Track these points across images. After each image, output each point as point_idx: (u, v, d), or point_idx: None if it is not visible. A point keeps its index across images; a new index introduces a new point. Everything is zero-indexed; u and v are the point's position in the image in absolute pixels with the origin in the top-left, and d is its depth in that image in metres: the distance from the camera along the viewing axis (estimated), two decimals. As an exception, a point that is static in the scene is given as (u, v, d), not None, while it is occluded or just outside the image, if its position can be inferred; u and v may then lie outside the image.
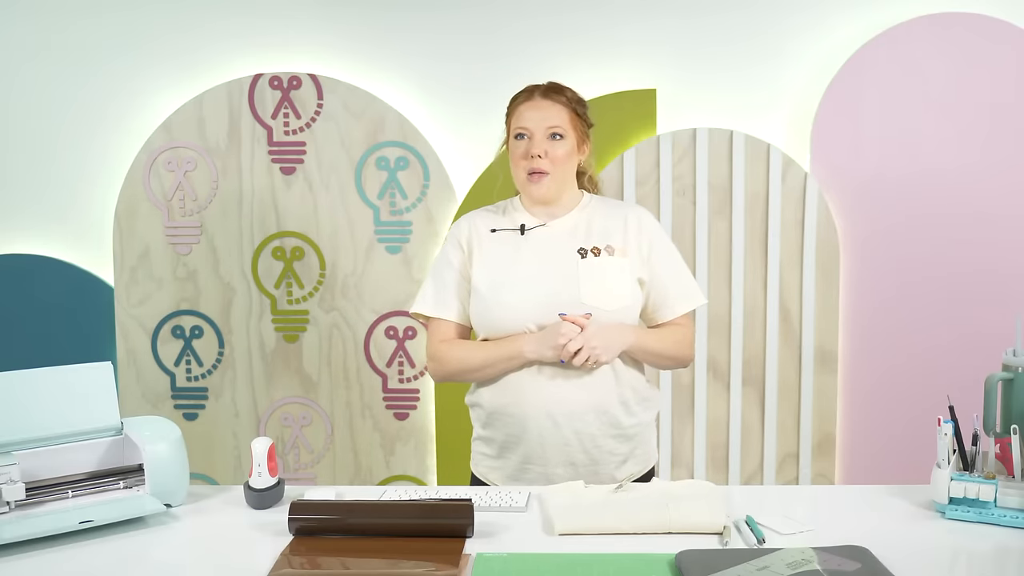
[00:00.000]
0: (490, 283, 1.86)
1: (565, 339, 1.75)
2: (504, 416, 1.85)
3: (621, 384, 1.85)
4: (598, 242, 1.87)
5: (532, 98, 1.89)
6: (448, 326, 1.92)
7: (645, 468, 1.94)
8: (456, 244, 1.92)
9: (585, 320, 1.77)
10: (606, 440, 1.84)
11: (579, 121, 1.91)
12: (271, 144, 2.95)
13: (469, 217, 1.96)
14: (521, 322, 1.82)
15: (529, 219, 1.91)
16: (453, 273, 1.91)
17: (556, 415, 1.81)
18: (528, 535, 1.49)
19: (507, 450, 1.87)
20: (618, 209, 1.94)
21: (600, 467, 1.85)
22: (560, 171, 1.86)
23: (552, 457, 1.83)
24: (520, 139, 1.87)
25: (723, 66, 2.90)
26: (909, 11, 2.82)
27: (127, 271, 3.00)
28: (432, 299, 1.93)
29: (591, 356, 1.75)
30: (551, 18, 2.91)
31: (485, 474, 1.93)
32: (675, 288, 1.91)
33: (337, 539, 1.46)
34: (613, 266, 1.85)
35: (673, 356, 1.92)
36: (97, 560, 1.42)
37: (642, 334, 1.86)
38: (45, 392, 1.64)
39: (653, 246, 1.90)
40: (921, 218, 2.87)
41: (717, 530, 1.47)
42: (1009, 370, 1.56)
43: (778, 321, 2.90)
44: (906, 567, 1.34)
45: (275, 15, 2.94)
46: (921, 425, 2.72)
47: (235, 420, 3.03)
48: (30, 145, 3.03)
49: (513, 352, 1.81)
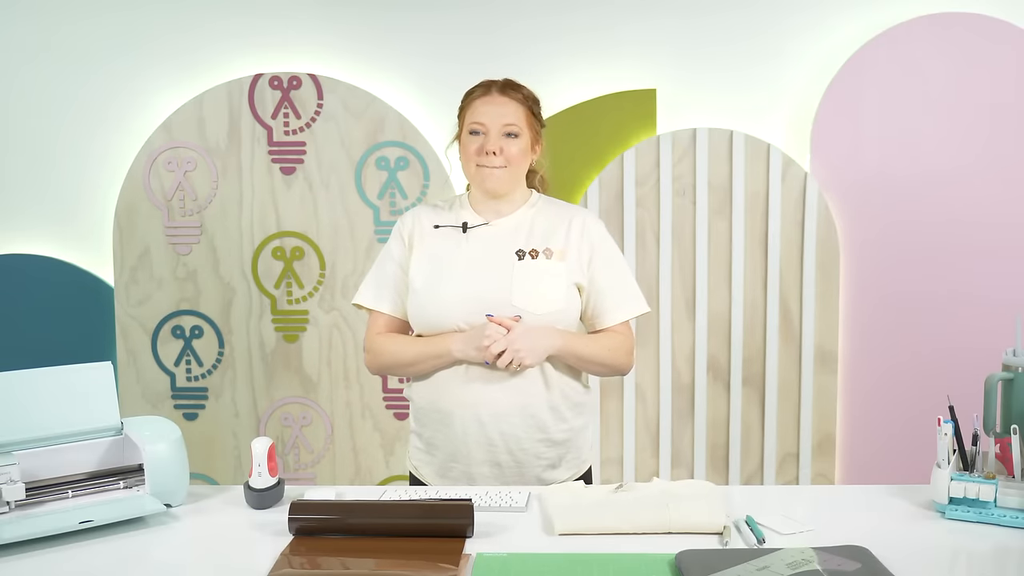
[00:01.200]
0: (425, 279, 1.85)
1: (489, 340, 1.74)
2: (432, 413, 1.86)
3: (551, 389, 1.83)
4: (538, 244, 1.86)
5: (489, 93, 1.87)
6: (385, 319, 1.92)
7: (579, 472, 1.92)
8: (399, 237, 1.92)
9: (512, 322, 1.76)
10: (532, 444, 1.83)
11: (534, 120, 1.89)
12: (271, 144, 2.95)
13: (415, 211, 1.95)
14: (452, 320, 1.81)
15: (473, 217, 1.90)
16: (393, 266, 1.91)
17: (481, 415, 1.81)
18: (528, 535, 1.49)
19: (434, 446, 1.87)
20: (564, 212, 1.92)
21: (525, 469, 1.84)
22: (514, 169, 1.85)
23: (476, 456, 1.83)
24: (475, 135, 1.85)
25: (723, 66, 2.90)
26: (909, 11, 2.82)
27: (127, 271, 3.00)
28: (371, 291, 1.93)
29: (515, 358, 1.74)
30: (551, 18, 2.91)
31: (417, 467, 1.93)
32: (614, 295, 1.89)
33: (337, 539, 1.45)
34: (548, 269, 1.84)
35: (606, 363, 1.88)
36: (97, 560, 1.42)
37: (571, 339, 1.83)
38: (45, 392, 1.64)
39: (595, 251, 1.88)
40: (921, 218, 2.87)
41: (717, 530, 1.47)
42: (1009, 370, 1.56)
43: (778, 321, 2.90)
44: (906, 567, 1.34)
45: (275, 15, 2.94)
46: (921, 425, 2.72)
47: (235, 420, 3.03)
48: (30, 145, 3.03)
49: (441, 350, 1.81)
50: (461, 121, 1.91)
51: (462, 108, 1.91)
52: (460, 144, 1.91)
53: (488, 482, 1.83)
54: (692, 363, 2.94)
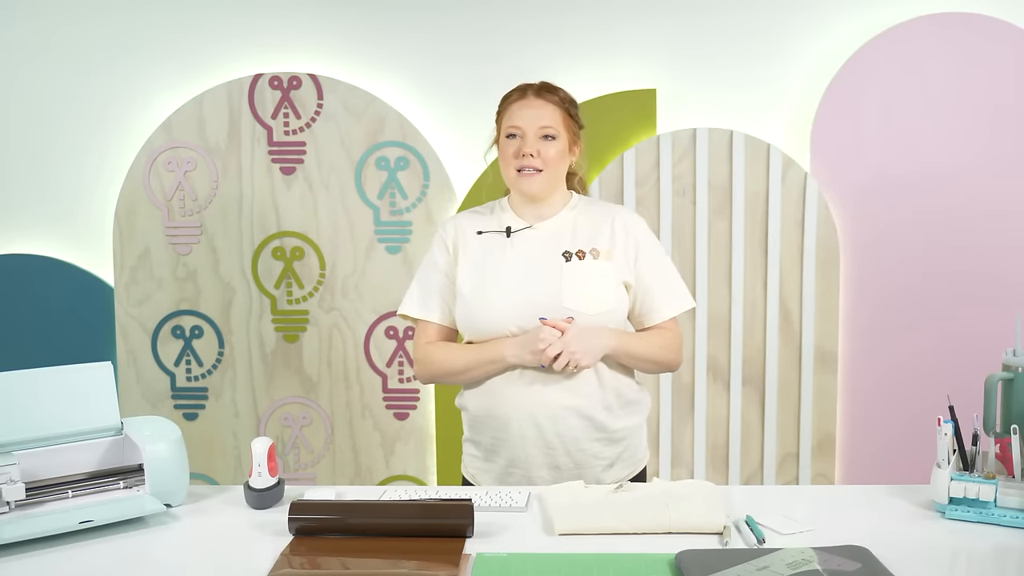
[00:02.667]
0: (474, 285, 1.85)
1: (544, 344, 1.74)
2: (488, 419, 1.85)
3: (604, 388, 1.84)
4: (584, 245, 1.86)
5: (525, 97, 1.87)
6: (433, 328, 1.92)
7: (635, 470, 1.92)
8: (442, 246, 1.92)
9: (566, 324, 1.77)
10: (590, 444, 1.83)
11: (571, 122, 1.90)
12: (271, 144, 2.95)
13: (456, 218, 1.95)
14: (503, 325, 1.81)
15: (516, 221, 1.90)
16: (438, 275, 1.91)
17: (539, 418, 1.81)
18: (528, 535, 1.49)
19: (493, 452, 1.87)
20: (606, 211, 1.92)
21: (585, 470, 1.84)
22: (552, 171, 1.85)
23: (535, 460, 1.83)
24: (512, 138, 1.85)
25: (723, 66, 2.90)
26: (909, 11, 2.82)
27: (127, 271, 3.00)
28: (418, 301, 1.93)
29: (571, 360, 1.75)
30: (551, 18, 2.91)
31: (475, 475, 1.93)
32: (662, 292, 1.89)
33: (337, 539, 1.46)
34: (597, 270, 1.84)
35: (659, 360, 1.89)
36: (97, 560, 1.42)
37: (625, 338, 1.84)
38: (45, 392, 1.64)
39: (640, 249, 1.88)
40: (921, 218, 2.87)
41: (717, 530, 1.47)
42: (1009, 370, 1.56)
43: (778, 321, 2.90)
44: (906, 567, 1.34)
45: (275, 15, 2.94)
46: (921, 425, 2.72)
47: (235, 420, 3.03)
48: (30, 145, 3.03)
49: (495, 356, 1.81)
50: (499, 126, 1.91)
51: (499, 113, 1.92)
52: (499, 149, 1.90)
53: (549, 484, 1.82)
54: (692, 363, 2.94)
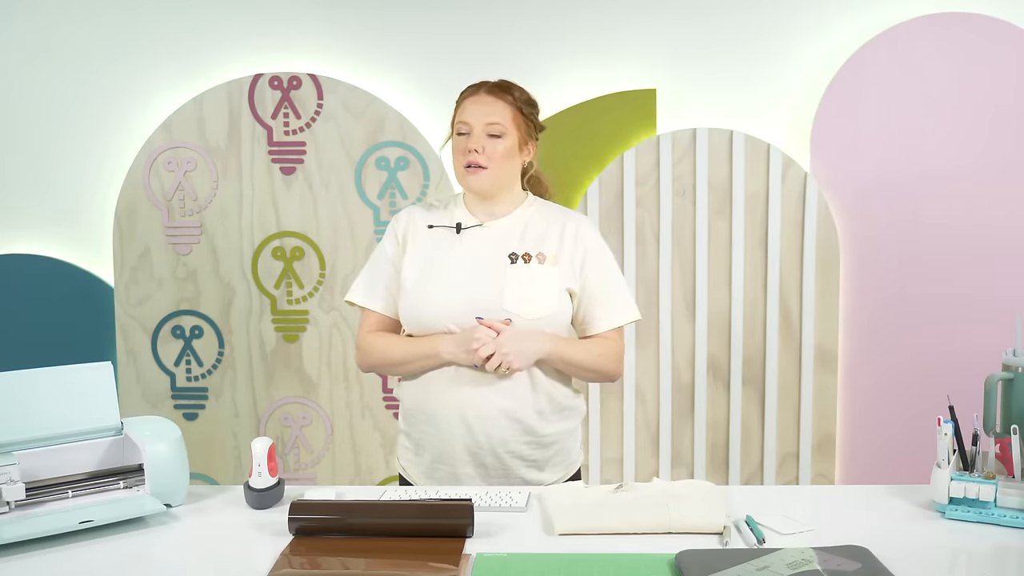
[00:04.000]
0: (418, 279, 1.85)
1: (478, 343, 1.74)
2: (419, 413, 1.86)
3: (537, 393, 1.83)
4: (531, 248, 1.85)
5: (477, 94, 1.88)
6: (376, 317, 1.92)
7: (568, 473, 1.92)
8: (393, 236, 1.92)
9: (501, 326, 1.77)
10: (519, 446, 1.83)
11: (523, 120, 1.88)
12: (271, 144, 2.95)
13: (409, 210, 1.96)
14: (443, 321, 1.81)
15: (467, 218, 1.90)
16: (386, 265, 1.91)
17: (468, 417, 1.81)
18: (528, 535, 1.49)
19: (421, 447, 1.87)
20: (559, 216, 1.92)
21: (512, 471, 1.84)
22: (498, 168, 1.84)
23: (460, 457, 1.82)
24: (461, 135, 1.86)
25: (723, 66, 2.90)
26: (909, 11, 2.82)
27: (127, 271, 3.00)
28: (364, 289, 1.93)
29: (503, 362, 1.74)
30: (551, 18, 2.91)
31: (405, 467, 1.93)
32: (606, 302, 1.89)
33: (337, 539, 1.45)
34: (540, 274, 1.83)
35: (595, 369, 1.88)
36: (97, 560, 1.42)
37: (561, 344, 1.83)
38: (45, 392, 1.64)
39: (588, 257, 1.88)
40: (921, 218, 2.87)
41: (717, 530, 1.47)
42: (1009, 370, 1.56)
43: (778, 321, 2.90)
44: (906, 567, 1.34)
45: (275, 15, 2.94)
46: (921, 425, 2.72)
47: (235, 420, 3.03)
48: (30, 145, 3.02)
49: (430, 351, 1.81)
50: (453, 121, 1.92)
51: (455, 109, 1.92)
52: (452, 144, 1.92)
53: (473, 483, 1.83)
54: (692, 363, 2.94)
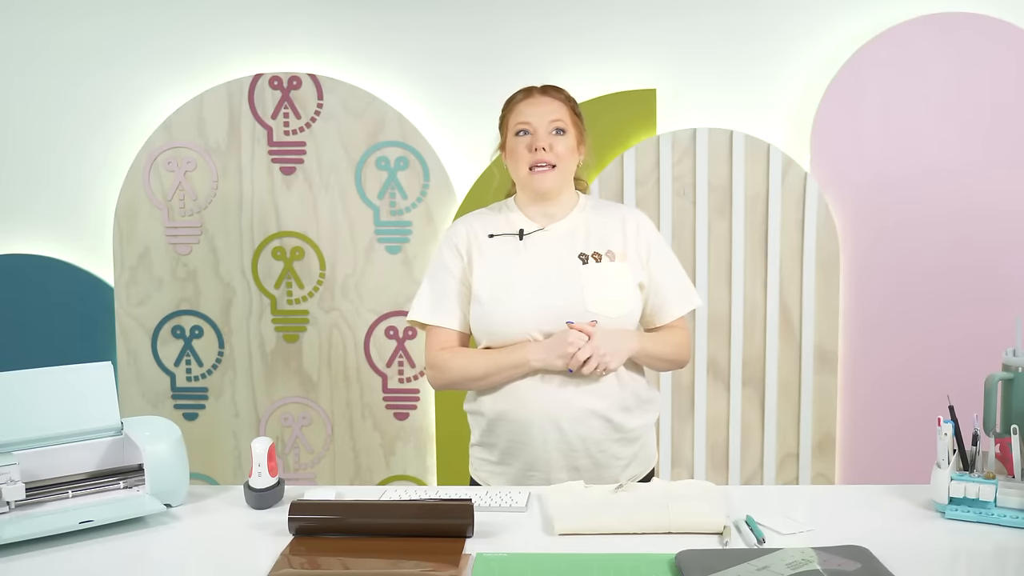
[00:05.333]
0: (491, 290, 1.84)
1: (574, 348, 1.74)
2: (507, 423, 1.84)
3: (624, 388, 1.84)
4: (597, 246, 1.86)
5: (531, 95, 1.88)
6: (448, 334, 1.89)
7: (647, 469, 1.93)
8: (454, 250, 1.89)
9: (592, 328, 1.77)
10: (610, 444, 1.84)
11: (578, 119, 1.90)
12: (271, 144, 2.95)
13: (466, 221, 1.93)
14: (525, 330, 1.81)
15: (527, 223, 1.89)
16: (452, 280, 1.89)
17: (560, 421, 1.80)
18: (528, 535, 1.49)
19: (510, 456, 1.86)
20: (615, 212, 1.93)
21: (604, 471, 1.84)
22: (564, 166, 1.85)
23: (556, 463, 1.82)
24: (522, 135, 1.84)
25: (723, 66, 2.90)
26: (909, 11, 2.82)
27: (127, 271, 3.00)
28: (430, 306, 1.90)
29: (600, 364, 1.75)
30: (551, 18, 2.91)
31: (486, 479, 1.91)
32: (673, 291, 1.91)
33: (337, 539, 1.46)
34: (614, 272, 1.84)
35: (673, 359, 1.92)
36: (97, 560, 1.42)
37: (645, 339, 1.86)
38: (45, 392, 1.64)
39: (651, 250, 1.90)
40: (921, 218, 2.87)
41: (717, 530, 1.47)
42: (1009, 370, 1.56)
43: (778, 321, 2.90)
44: (906, 567, 1.34)
45: (275, 15, 2.94)
46: (921, 425, 2.72)
47: (235, 420, 3.03)
48: (30, 145, 3.02)
49: (519, 361, 1.79)
50: (505, 127, 1.90)
51: (505, 114, 1.91)
52: (506, 150, 1.90)
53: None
54: (692, 363, 2.94)
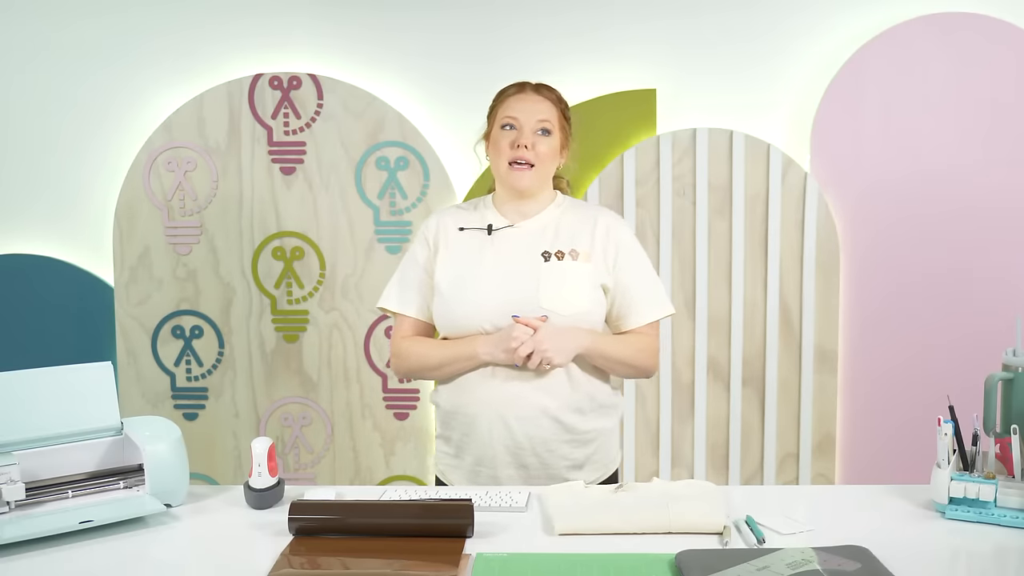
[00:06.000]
0: (452, 282, 1.85)
1: (517, 342, 1.74)
2: (458, 416, 1.85)
3: (577, 390, 1.84)
4: (564, 245, 1.86)
5: (523, 91, 1.88)
6: (411, 322, 1.92)
7: (606, 473, 1.92)
8: (424, 241, 1.92)
9: (538, 323, 1.77)
10: (559, 445, 1.83)
11: (565, 123, 1.91)
12: (271, 144, 2.95)
13: (439, 214, 1.96)
14: (479, 323, 1.82)
15: (498, 219, 1.90)
16: (418, 270, 1.91)
17: (508, 418, 1.80)
18: (528, 535, 1.49)
19: (462, 450, 1.87)
20: (589, 212, 1.93)
21: (552, 471, 1.84)
22: (543, 166, 1.85)
23: (502, 459, 1.82)
24: (508, 129, 1.85)
25: (723, 66, 2.90)
26: (909, 11, 2.82)
27: (127, 271, 3.00)
28: (396, 295, 1.93)
29: (543, 358, 1.75)
30: (551, 18, 2.91)
31: (445, 472, 1.92)
32: (641, 297, 1.89)
33: (337, 539, 1.45)
34: (575, 271, 1.84)
35: (633, 364, 1.89)
36: (97, 560, 1.42)
37: (599, 339, 1.84)
38: (45, 392, 1.64)
39: (620, 252, 1.89)
40: (921, 218, 2.87)
41: (717, 530, 1.47)
42: (1009, 370, 1.56)
43: (778, 321, 2.90)
44: (906, 567, 1.34)
45: (275, 15, 2.94)
46: (921, 425, 2.72)
47: (235, 420, 3.03)
48: (30, 145, 3.02)
49: (468, 353, 1.81)
50: (492, 119, 1.91)
51: (494, 106, 1.91)
52: (490, 141, 1.90)
53: (514, 483, 1.83)
54: (692, 363, 2.94)
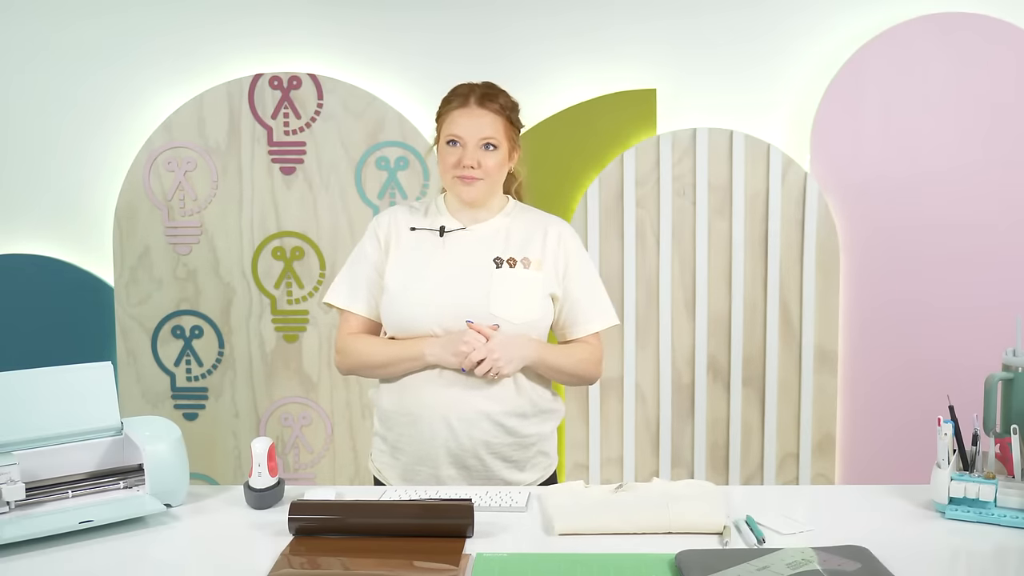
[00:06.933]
0: (402, 282, 1.85)
1: (469, 348, 1.75)
2: (400, 416, 1.85)
3: (521, 395, 1.84)
4: (516, 252, 1.86)
5: (467, 105, 1.85)
6: (357, 319, 1.91)
7: (545, 475, 1.92)
8: (374, 238, 1.91)
9: (491, 331, 1.77)
10: (501, 448, 1.83)
11: (511, 128, 1.89)
12: (271, 144, 2.95)
13: (391, 212, 1.94)
14: (427, 324, 1.81)
15: (450, 221, 1.89)
16: (367, 267, 1.90)
17: (451, 420, 1.80)
18: (528, 535, 1.49)
19: (399, 449, 1.87)
20: (540, 220, 1.93)
21: (493, 472, 1.84)
22: (491, 179, 1.85)
23: (443, 459, 1.82)
24: (452, 146, 1.84)
25: (723, 66, 2.90)
26: (909, 11, 2.82)
27: (127, 271, 3.00)
28: (345, 291, 1.91)
29: (493, 368, 1.75)
30: (551, 18, 2.91)
31: (381, 470, 1.92)
32: (587, 306, 1.90)
33: (337, 539, 1.46)
34: (526, 279, 1.84)
35: (576, 374, 1.90)
36: (97, 560, 1.42)
37: (545, 350, 1.85)
38: (45, 392, 1.64)
39: (570, 262, 1.89)
40: (921, 218, 2.87)
41: (717, 530, 1.47)
42: (1009, 370, 1.56)
43: (778, 321, 2.90)
44: (906, 567, 1.34)
45: (275, 15, 2.94)
46: (921, 425, 2.72)
47: (235, 420, 3.03)
48: (30, 145, 3.02)
49: (415, 354, 1.80)
50: (439, 129, 1.90)
51: (440, 115, 1.90)
52: (438, 151, 1.90)
53: (454, 483, 1.83)
54: (692, 363, 2.94)
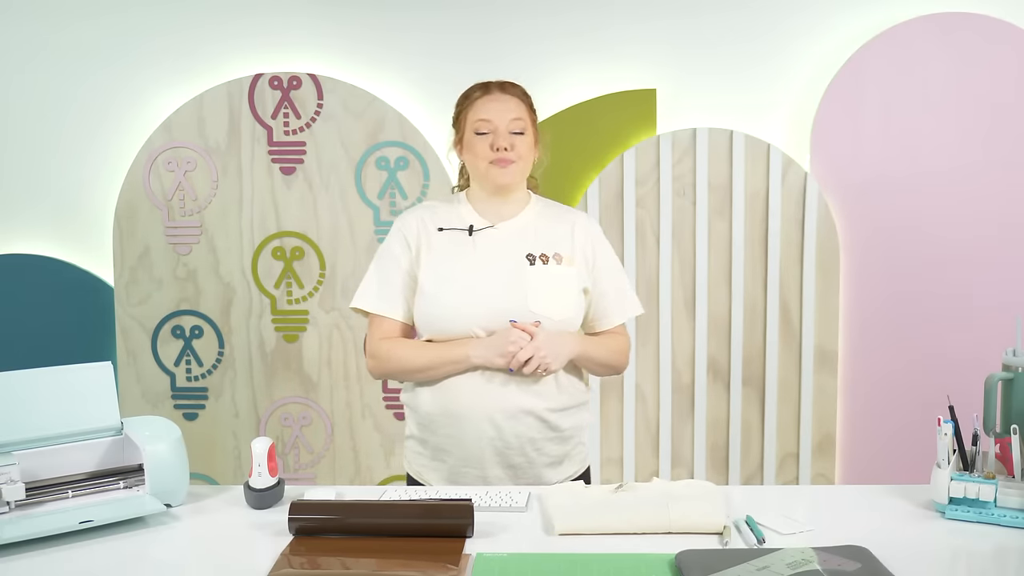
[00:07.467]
0: (437, 284, 1.83)
1: (516, 347, 1.74)
2: (444, 418, 1.84)
3: (561, 390, 1.85)
4: (546, 248, 1.86)
5: (491, 92, 1.86)
6: (391, 324, 1.88)
7: (582, 468, 1.93)
8: (403, 240, 1.88)
9: (535, 329, 1.77)
10: (545, 443, 1.84)
11: (534, 117, 1.90)
12: (271, 144, 2.95)
13: (416, 212, 1.92)
14: (467, 326, 1.80)
15: (477, 219, 1.89)
16: (399, 270, 1.87)
17: (497, 419, 1.80)
18: (528, 535, 1.49)
19: (444, 452, 1.85)
20: (565, 215, 1.93)
21: (538, 469, 1.85)
22: (524, 162, 1.85)
23: (490, 459, 1.82)
24: (482, 135, 1.83)
25: (723, 66, 2.90)
26: (909, 11, 2.83)
27: (127, 271, 3.00)
28: (376, 295, 1.89)
29: (541, 365, 1.75)
30: (551, 18, 2.91)
31: (420, 473, 1.91)
32: (616, 298, 1.92)
33: (337, 539, 1.45)
34: (561, 275, 1.85)
35: (611, 364, 1.93)
36: (97, 560, 1.42)
37: (586, 343, 1.87)
38: (45, 392, 1.64)
39: (598, 255, 1.91)
40: (921, 218, 2.87)
41: (717, 530, 1.47)
42: (1009, 370, 1.56)
43: (778, 321, 2.90)
44: (906, 567, 1.34)
45: (275, 15, 2.94)
46: (921, 425, 2.72)
47: (235, 420, 3.03)
48: (30, 145, 3.02)
49: (459, 356, 1.79)
50: (461, 124, 1.89)
51: (461, 110, 1.89)
52: (463, 147, 1.89)
53: (502, 483, 1.83)
54: (692, 363, 2.94)
